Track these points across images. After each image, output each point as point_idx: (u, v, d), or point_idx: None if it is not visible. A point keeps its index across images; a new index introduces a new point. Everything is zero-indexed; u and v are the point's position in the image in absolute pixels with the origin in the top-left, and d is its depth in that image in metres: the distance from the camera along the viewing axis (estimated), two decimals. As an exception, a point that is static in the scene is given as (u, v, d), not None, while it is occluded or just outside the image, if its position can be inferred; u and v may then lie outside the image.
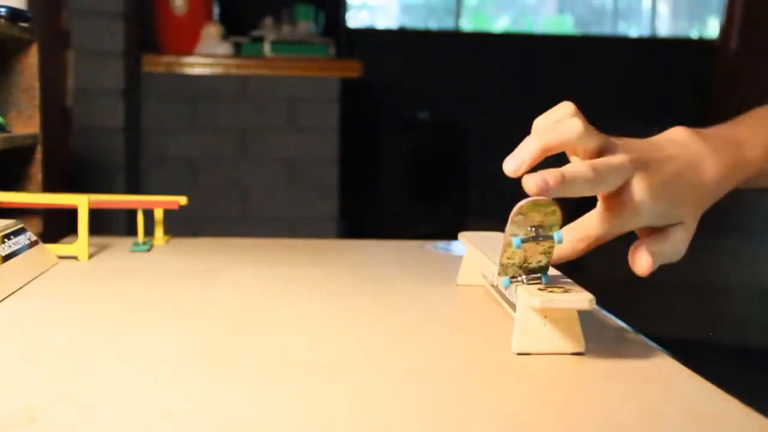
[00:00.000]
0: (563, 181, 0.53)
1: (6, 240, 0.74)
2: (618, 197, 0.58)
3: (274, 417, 0.45)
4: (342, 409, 0.46)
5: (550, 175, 0.53)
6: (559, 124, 0.57)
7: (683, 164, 0.62)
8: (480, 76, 4.75)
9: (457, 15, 5.15)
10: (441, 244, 0.99)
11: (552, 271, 0.61)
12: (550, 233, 0.55)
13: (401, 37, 5.01)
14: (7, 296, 0.69)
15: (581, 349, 0.56)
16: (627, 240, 0.64)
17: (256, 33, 2.87)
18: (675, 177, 0.61)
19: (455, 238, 0.82)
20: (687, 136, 0.64)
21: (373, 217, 4.28)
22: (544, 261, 0.57)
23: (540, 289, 0.55)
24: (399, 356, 0.57)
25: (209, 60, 2.69)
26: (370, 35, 4.95)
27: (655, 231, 0.61)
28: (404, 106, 4.70)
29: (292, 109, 2.72)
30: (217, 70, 2.70)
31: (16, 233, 0.78)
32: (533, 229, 0.55)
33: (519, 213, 0.54)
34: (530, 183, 0.52)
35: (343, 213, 2.80)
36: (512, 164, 0.55)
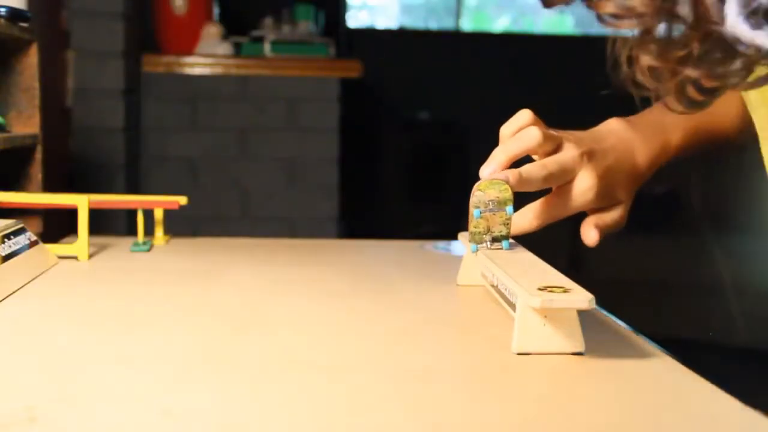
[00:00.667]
0: (520, 179, 0.66)
1: (6, 240, 0.74)
2: (570, 183, 0.70)
3: (274, 417, 0.45)
4: (342, 409, 0.46)
5: (511, 174, 0.66)
6: (521, 134, 0.69)
7: (621, 152, 0.74)
8: (480, 76, 4.75)
9: (457, 15, 5.15)
10: (441, 244, 0.99)
11: (552, 271, 0.61)
12: (504, 207, 0.67)
13: (401, 37, 5.01)
14: (7, 296, 0.69)
15: (581, 349, 0.56)
16: (626, 241, 0.65)
17: (256, 33, 2.87)
18: (615, 164, 0.73)
19: (455, 238, 0.82)
20: (622, 127, 0.76)
21: (373, 217, 4.28)
22: (504, 231, 0.69)
23: (540, 289, 0.55)
24: (399, 356, 0.57)
25: (209, 60, 2.69)
26: (370, 35, 4.95)
27: (600, 209, 0.73)
28: (404, 106, 4.70)
29: (292, 109, 2.72)
30: (217, 70, 2.70)
31: (16, 233, 0.78)
32: (491, 202, 0.67)
33: (478, 189, 0.66)
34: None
35: (343, 213, 2.80)
36: (487, 172, 0.67)
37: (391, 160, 4.68)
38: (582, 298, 0.54)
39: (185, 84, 2.69)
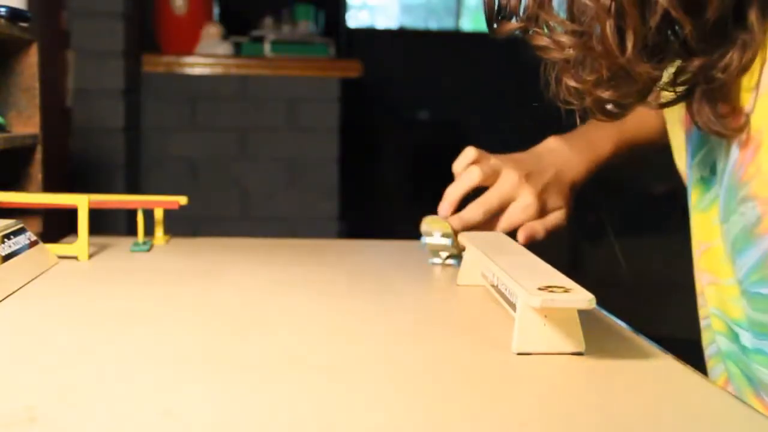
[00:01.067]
0: (462, 221, 0.83)
1: (6, 240, 0.74)
2: (512, 203, 0.86)
3: (274, 417, 0.45)
4: (342, 409, 0.46)
5: (455, 219, 0.83)
6: (464, 175, 0.85)
7: (558, 169, 0.89)
8: (480, 76, 4.75)
9: (457, 15, 5.15)
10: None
11: (552, 271, 0.61)
12: (447, 239, 0.84)
13: (401, 37, 5.01)
14: (7, 296, 0.69)
15: (581, 349, 0.56)
16: (625, 243, 0.65)
17: (256, 33, 2.87)
18: (553, 179, 0.88)
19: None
20: (559, 145, 0.91)
21: (373, 217, 4.28)
22: (454, 251, 0.84)
23: (540, 289, 0.55)
24: (399, 356, 0.57)
25: (209, 60, 2.69)
26: (370, 35, 4.95)
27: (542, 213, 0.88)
28: (404, 106, 4.70)
29: (292, 109, 2.72)
30: (217, 70, 2.70)
31: (16, 233, 0.78)
32: (436, 233, 0.84)
33: (425, 223, 0.85)
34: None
35: (343, 213, 2.80)
36: (443, 211, 0.85)
37: (391, 160, 4.68)
38: (582, 298, 0.54)
39: (185, 84, 2.69)
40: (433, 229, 0.84)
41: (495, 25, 0.62)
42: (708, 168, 0.66)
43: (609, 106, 0.59)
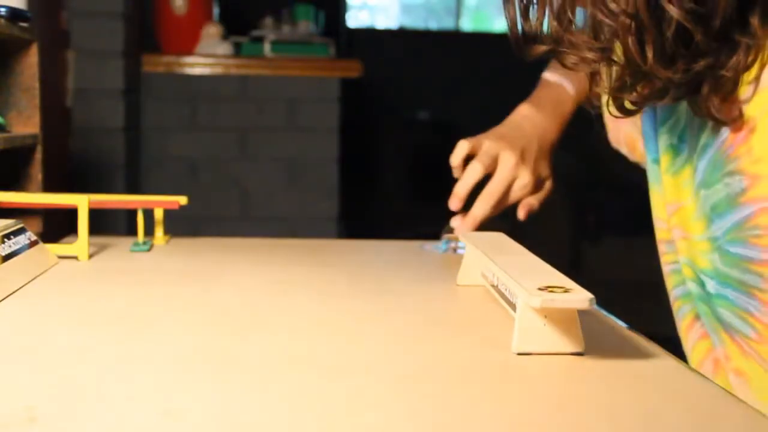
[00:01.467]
0: (476, 223, 0.94)
1: (6, 240, 0.74)
2: (515, 184, 0.96)
3: (275, 417, 0.45)
4: (342, 409, 0.46)
5: (468, 229, 0.93)
6: (468, 170, 0.93)
7: (539, 137, 0.99)
8: (480, 76, 4.75)
9: (457, 15, 5.15)
10: (441, 244, 0.99)
11: (552, 271, 0.61)
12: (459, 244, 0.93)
13: (401, 37, 5.00)
14: (7, 296, 0.69)
15: (581, 349, 0.56)
16: (625, 243, 0.66)
17: (256, 33, 2.87)
18: (539, 151, 0.98)
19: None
20: (531, 112, 1.01)
21: (373, 217, 4.28)
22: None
23: (540, 289, 0.55)
24: (399, 356, 0.57)
25: (209, 60, 2.69)
26: (370, 35, 4.95)
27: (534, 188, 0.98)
28: (404, 106, 4.69)
29: (292, 109, 2.72)
30: (217, 70, 2.69)
31: (16, 233, 0.78)
32: (453, 241, 0.95)
33: (445, 237, 0.95)
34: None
35: (343, 213, 2.80)
36: (453, 206, 0.94)
37: (391, 160, 4.68)
38: (582, 298, 0.54)
39: (185, 84, 2.69)
40: (452, 241, 0.94)
41: (523, 49, 0.68)
42: (676, 136, 0.73)
43: (629, 106, 0.66)
